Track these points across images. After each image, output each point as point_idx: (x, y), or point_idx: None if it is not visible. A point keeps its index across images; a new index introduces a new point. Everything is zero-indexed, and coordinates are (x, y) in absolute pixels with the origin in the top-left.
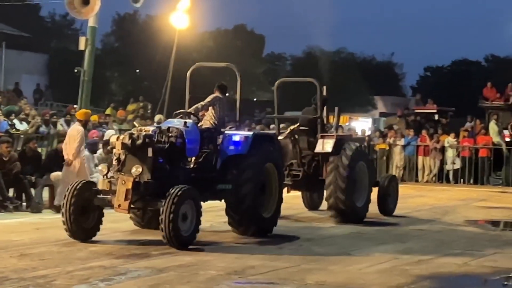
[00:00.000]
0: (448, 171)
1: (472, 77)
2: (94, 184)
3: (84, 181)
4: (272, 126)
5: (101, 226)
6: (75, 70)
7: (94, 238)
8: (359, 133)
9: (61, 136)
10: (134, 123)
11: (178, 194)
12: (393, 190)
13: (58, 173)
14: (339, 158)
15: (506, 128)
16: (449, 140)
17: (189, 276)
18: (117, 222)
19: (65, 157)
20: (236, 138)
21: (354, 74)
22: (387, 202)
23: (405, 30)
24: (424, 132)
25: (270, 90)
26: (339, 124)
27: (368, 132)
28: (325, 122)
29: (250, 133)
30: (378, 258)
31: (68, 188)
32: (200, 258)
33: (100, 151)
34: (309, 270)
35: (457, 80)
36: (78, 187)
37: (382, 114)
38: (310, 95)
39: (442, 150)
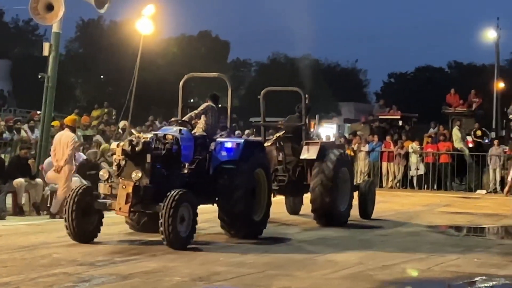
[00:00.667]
0: (412, 177)
1: (436, 83)
2: (94, 189)
3: (85, 186)
4: (236, 132)
5: (101, 228)
6: (39, 76)
7: (59, 245)
8: (324, 139)
9: (24, 143)
10: (132, 131)
11: (176, 197)
12: (372, 194)
13: (21, 179)
14: (324, 163)
15: (469, 134)
16: (413, 146)
17: (154, 282)
18: None
19: (54, 163)
20: (228, 144)
21: (318, 80)
22: (368, 206)
23: (370, 37)
24: (388, 138)
25: (235, 96)
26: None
27: (332, 138)
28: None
29: (241, 140)
30: (343, 263)
31: (69, 194)
32: (165, 265)
33: None
34: (274, 276)
35: (421, 86)
36: (79, 192)
37: (346, 120)
38: (277, 102)
39: (406, 156)
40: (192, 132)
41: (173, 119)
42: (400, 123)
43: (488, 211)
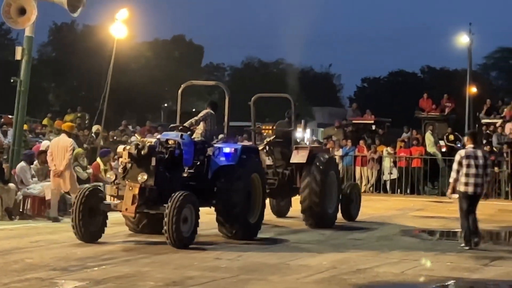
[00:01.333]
0: (385, 181)
1: (409, 88)
2: (100, 191)
3: (91, 188)
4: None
5: (105, 229)
6: (11, 80)
7: (31, 249)
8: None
9: None
10: (136, 135)
11: (180, 199)
12: (356, 197)
13: None
14: (313, 167)
15: (441, 139)
16: (386, 150)
17: (127, 287)
18: (55, 233)
19: (53, 168)
20: (227, 150)
21: (292, 85)
22: (350, 208)
23: (343, 42)
24: (361, 142)
25: (208, 100)
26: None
27: (306, 143)
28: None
29: (239, 145)
30: (317, 267)
31: (76, 196)
32: (138, 269)
33: (36, 162)
34: (248, 280)
35: (394, 91)
36: (85, 194)
37: (320, 125)
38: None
39: (379, 160)
40: (192, 137)
41: (173, 125)
42: (374, 127)
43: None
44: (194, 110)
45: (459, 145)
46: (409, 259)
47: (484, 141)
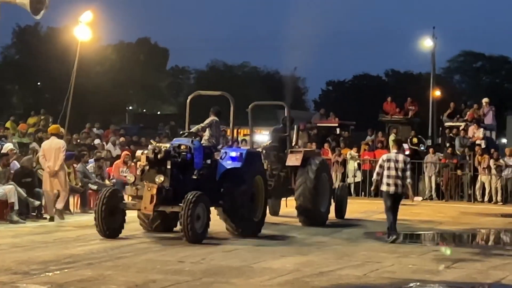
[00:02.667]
0: (349, 184)
1: (373, 91)
2: (119, 191)
3: (112, 189)
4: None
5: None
6: None
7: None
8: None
9: None
10: (151, 141)
11: (194, 199)
12: (345, 197)
13: None
14: (307, 169)
15: (405, 142)
16: (350, 153)
17: None
18: (17, 237)
19: (46, 168)
20: (233, 154)
21: (257, 87)
22: (342, 207)
23: (308, 45)
24: (326, 145)
25: (173, 103)
26: (244, 138)
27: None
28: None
29: (244, 150)
30: (280, 270)
31: (99, 196)
32: (101, 273)
33: None
34: (211, 283)
35: (358, 94)
36: (107, 195)
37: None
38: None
39: (344, 163)
40: (201, 142)
41: (182, 131)
42: (338, 130)
43: (424, 218)
44: (159, 113)
45: (422, 148)
46: (372, 262)
47: (447, 144)
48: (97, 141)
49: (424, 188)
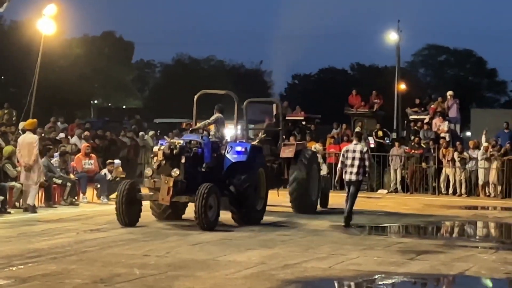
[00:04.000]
0: None
1: (338, 85)
2: (136, 184)
3: (130, 182)
4: (140, 133)
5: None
6: None
7: None
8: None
9: None
10: (165, 137)
11: (206, 190)
12: (328, 187)
13: None
14: (299, 161)
15: (370, 135)
16: (316, 146)
17: (54, 285)
18: None
19: (23, 164)
20: (238, 148)
21: (223, 81)
22: (327, 197)
23: (274, 38)
24: (291, 138)
25: (139, 97)
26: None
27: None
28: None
29: (248, 144)
30: (245, 263)
31: (119, 188)
32: (65, 267)
33: None
34: (176, 276)
35: (324, 87)
36: (126, 187)
37: (250, 121)
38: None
39: None
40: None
41: (191, 128)
42: (304, 124)
43: (389, 210)
44: (124, 106)
45: (387, 141)
46: (337, 254)
47: (412, 137)
48: (61, 135)
49: (389, 180)
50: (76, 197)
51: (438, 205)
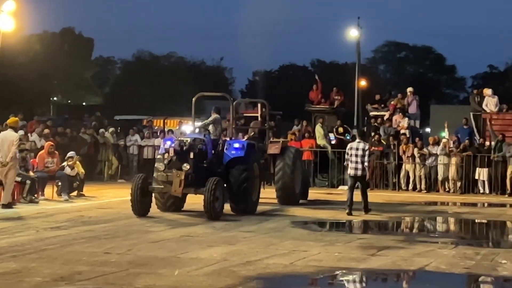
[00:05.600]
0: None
1: (299, 81)
2: (148, 177)
3: (143, 176)
4: (101, 130)
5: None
6: None
7: None
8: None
9: None
10: (172, 136)
11: (214, 183)
12: (308, 181)
13: None
14: (285, 157)
15: (331, 131)
16: None
17: (14, 284)
18: None
19: (0, 159)
20: (236, 145)
21: (183, 78)
22: (307, 190)
23: (234, 35)
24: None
25: (99, 94)
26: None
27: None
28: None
29: (245, 142)
30: (207, 260)
31: (133, 181)
32: (25, 265)
33: None
34: (138, 274)
35: (285, 84)
36: (140, 180)
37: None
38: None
39: None
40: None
41: (194, 127)
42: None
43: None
44: (84, 103)
45: (348, 138)
46: (298, 250)
47: (372, 134)
48: (21, 132)
49: None
50: (36, 195)
51: (398, 201)
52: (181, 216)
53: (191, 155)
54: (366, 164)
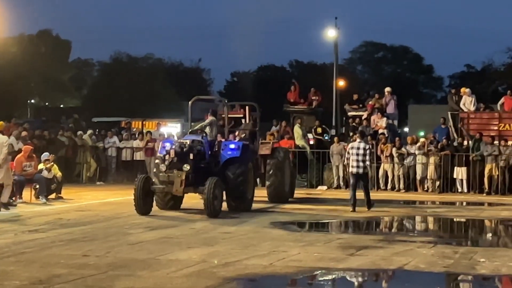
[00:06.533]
0: None
1: (278, 82)
2: (150, 178)
3: (145, 176)
4: (79, 133)
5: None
6: None
7: None
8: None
9: None
10: (171, 138)
11: (213, 183)
12: (294, 180)
13: None
14: (276, 157)
15: (310, 132)
16: None
17: None
18: None
19: None
20: (232, 146)
21: (162, 79)
22: (293, 189)
23: (213, 36)
24: (231, 136)
25: (77, 96)
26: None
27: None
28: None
29: (240, 143)
30: (186, 262)
31: (136, 181)
32: (3, 269)
33: None
34: (117, 276)
35: (263, 85)
36: (143, 181)
37: (193, 119)
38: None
39: None
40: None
41: (191, 129)
42: (243, 121)
43: (329, 207)
44: (62, 106)
45: (326, 138)
46: (278, 251)
47: (351, 134)
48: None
49: (329, 177)
50: (13, 198)
51: (377, 201)
52: (165, 216)
53: (191, 156)
54: (367, 162)
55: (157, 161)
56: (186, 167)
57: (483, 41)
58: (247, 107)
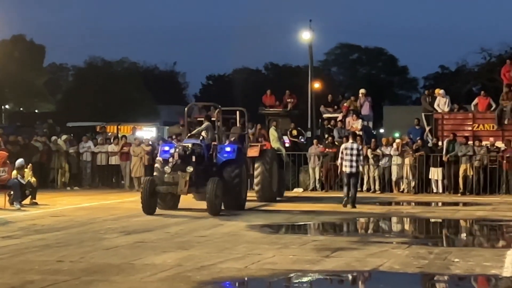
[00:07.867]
0: None
1: (253, 85)
2: (155, 180)
3: (151, 179)
4: (53, 138)
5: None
6: None
7: None
8: (144, 142)
9: None
10: (172, 141)
11: (215, 183)
12: (283, 181)
13: None
14: (263, 158)
15: (285, 134)
16: None
17: None
18: None
19: None
20: (228, 149)
21: (137, 83)
22: (281, 189)
23: (187, 39)
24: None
25: (51, 101)
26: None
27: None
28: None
29: (235, 146)
30: (161, 266)
31: (143, 183)
32: None
33: None
34: (91, 281)
35: (239, 88)
36: (148, 182)
37: (166, 123)
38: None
39: None
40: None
41: (190, 134)
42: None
43: (305, 208)
44: (36, 111)
45: (302, 140)
46: (253, 254)
47: (326, 136)
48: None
49: (305, 179)
50: None
51: None
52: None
53: (193, 158)
54: (360, 162)
55: (157, 164)
56: (190, 168)
57: (456, 42)
58: (237, 112)
